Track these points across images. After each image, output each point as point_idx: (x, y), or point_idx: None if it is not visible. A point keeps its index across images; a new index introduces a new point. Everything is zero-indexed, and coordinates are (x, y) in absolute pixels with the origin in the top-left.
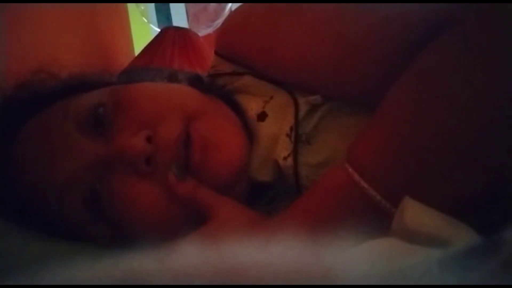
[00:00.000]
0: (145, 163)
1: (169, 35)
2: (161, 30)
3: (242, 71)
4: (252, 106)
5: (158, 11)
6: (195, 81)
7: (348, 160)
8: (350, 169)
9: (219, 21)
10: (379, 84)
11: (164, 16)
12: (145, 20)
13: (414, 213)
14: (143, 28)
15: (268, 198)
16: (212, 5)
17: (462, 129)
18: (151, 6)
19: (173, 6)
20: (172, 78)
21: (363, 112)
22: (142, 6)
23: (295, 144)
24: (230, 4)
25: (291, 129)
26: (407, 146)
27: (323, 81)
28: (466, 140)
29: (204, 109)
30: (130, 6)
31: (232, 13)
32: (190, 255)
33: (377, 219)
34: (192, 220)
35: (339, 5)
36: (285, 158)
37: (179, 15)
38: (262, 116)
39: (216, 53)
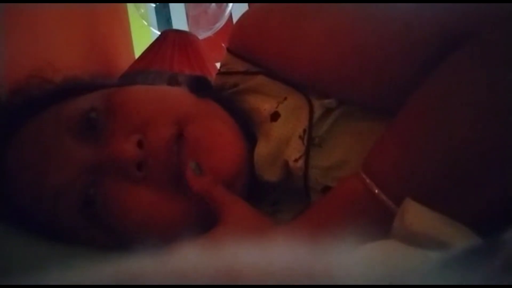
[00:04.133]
0: (136, 168)
1: (169, 38)
2: (161, 33)
3: (255, 70)
4: (265, 107)
5: (158, 14)
6: (194, 83)
7: (365, 171)
8: (368, 180)
9: (219, 24)
10: (395, 92)
11: (164, 19)
12: (145, 23)
13: (415, 214)
14: (143, 31)
15: (273, 200)
16: (212, 8)
17: (482, 143)
18: (151, 9)
19: (173, 9)
20: (172, 81)
21: (377, 117)
22: (142, 8)
23: (307, 146)
24: (230, 8)
25: (304, 131)
26: (425, 158)
27: (338, 85)
28: (486, 153)
29: (195, 112)
30: (130, 9)
31: (248, 11)
32: (197, 257)
33: None
34: (186, 223)
35: (359, 9)
36: (296, 160)
37: (179, 18)
38: (274, 116)
39: (228, 50)
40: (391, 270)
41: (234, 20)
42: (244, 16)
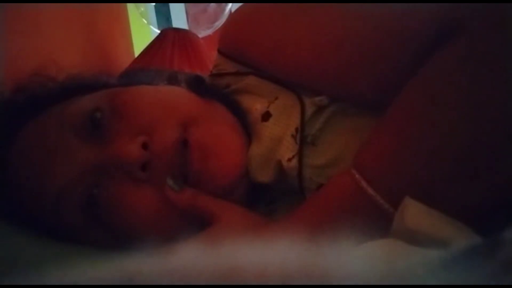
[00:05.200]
0: (141, 169)
1: (169, 37)
2: (161, 32)
3: (246, 71)
4: (257, 107)
5: (158, 12)
6: (194, 83)
7: (355, 166)
8: (357, 175)
9: (219, 23)
10: (386, 87)
11: (163, 18)
12: (145, 22)
13: (414, 213)
14: (143, 29)
15: (268, 199)
16: (212, 7)
17: (473, 139)
18: (151, 7)
19: (172, 8)
20: (172, 79)
21: (369, 114)
22: (142, 7)
23: (300, 145)
24: (229, 6)
25: (296, 130)
26: (414, 154)
27: (329, 82)
28: (477, 149)
29: (201, 114)
30: (130, 8)
31: (237, 11)
32: (192, 257)
33: (383, 226)
34: (190, 224)
35: (347, 6)
36: (289, 160)
37: (178, 17)
38: (266, 116)
39: (219, 52)
40: (391, 269)
41: None
42: (232, 17)
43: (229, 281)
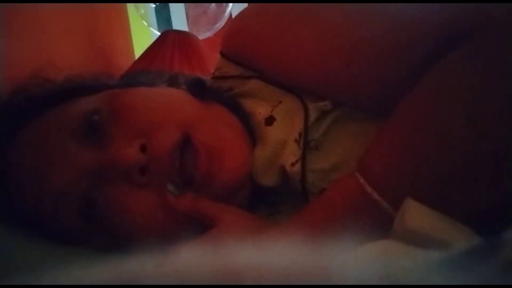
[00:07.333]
0: (139, 173)
1: (169, 38)
2: (161, 34)
3: (249, 74)
4: (260, 110)
5: (158, 14)
6: (195, 86)
7: (359, 170)
8: (361, 180)
9: (219, 25)
10: (389, 92)
11: (164, 20)
12: (145, 24)
13: (415, 214)
14: (143, 31)
15: (271, 201)
16: (212, 9)
17: (477, 142)
18: (151, 9)
19: (173, 10)
20: (172, 81)
21: (373, 119)
22: (142, 9)
23: (303, 150)
24: (230, 8)
25: (300, 135)
26: (419, 158)
27: (333, 87)
28: (481, 154)
29: (200, 116)
30: (130, 10)
31: (240, 14)
32: (193, 259)
33: (388, 230)
34: (189, 228)
35: (351, 9)
36: (292, 164)
37: (179, 19)
38: (269, 120)
39: (222, 54)
40: (391, 270)
41: None
42: (236, 20)
43: (230, 283)
